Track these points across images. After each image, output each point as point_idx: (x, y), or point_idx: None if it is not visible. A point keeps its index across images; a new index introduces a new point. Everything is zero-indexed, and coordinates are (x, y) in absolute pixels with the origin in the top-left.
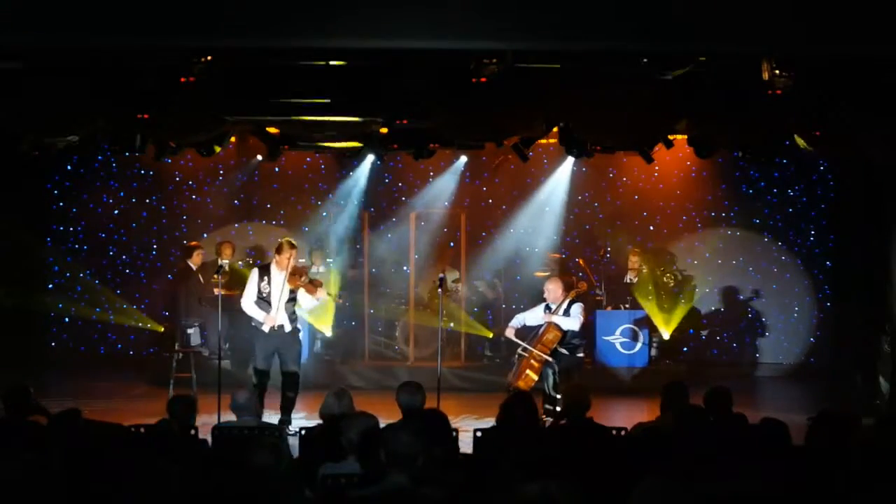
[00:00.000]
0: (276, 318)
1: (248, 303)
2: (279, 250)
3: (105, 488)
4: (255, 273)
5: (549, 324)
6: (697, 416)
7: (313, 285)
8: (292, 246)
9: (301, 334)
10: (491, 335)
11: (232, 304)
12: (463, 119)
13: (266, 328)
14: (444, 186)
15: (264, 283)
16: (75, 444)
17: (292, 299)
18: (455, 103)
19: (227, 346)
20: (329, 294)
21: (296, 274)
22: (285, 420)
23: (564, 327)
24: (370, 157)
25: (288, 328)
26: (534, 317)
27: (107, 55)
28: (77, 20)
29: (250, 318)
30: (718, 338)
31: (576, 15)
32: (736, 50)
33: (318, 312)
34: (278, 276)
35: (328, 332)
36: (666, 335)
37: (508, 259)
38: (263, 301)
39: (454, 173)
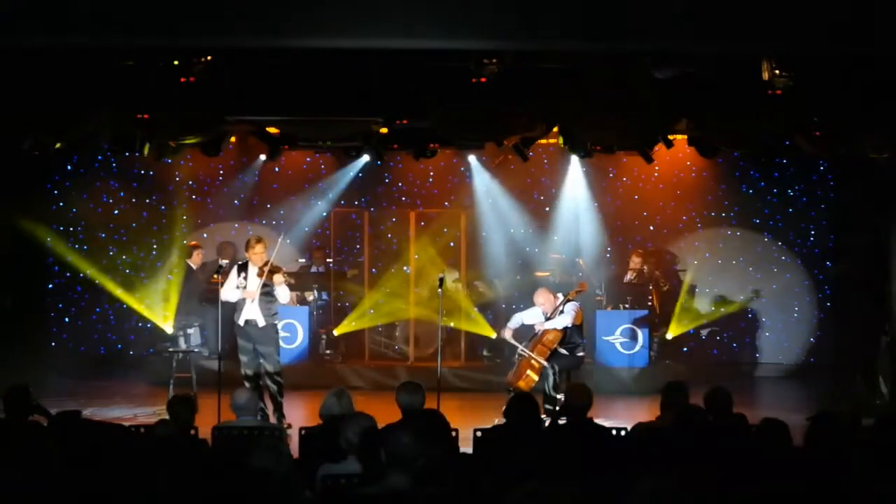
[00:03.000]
0: (252, 293)
1: (227, 290)
2: (247, 247)
3: (105, 488)
4: (234, 269)
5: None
6: (697, 416)
7: (272, 273)
8: (258, 240)
9: (279, 333)
10: (494, 334)
11: (232, 304)
12: (463, 119)
13: (243, 317)
14: (455, 187)
15: (240, 279)
16: (75, 444)
17: (266, 293)
18: (455, 103)
19: (227, 346)
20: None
21: (263, 266)
22: (281, 418)
23: (559, 327)
24: (364, 157)
25: (261, 323)
26: (531, 316)
27: (107, 55)
28: (77, 20)
29: (234, 320)
30: (718, 338)
31: (576, 15)
32: (736, 50)
33: None
34: (253, 270)
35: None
36: (669, 335)
37: (508, 259)
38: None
39: (479, 172)
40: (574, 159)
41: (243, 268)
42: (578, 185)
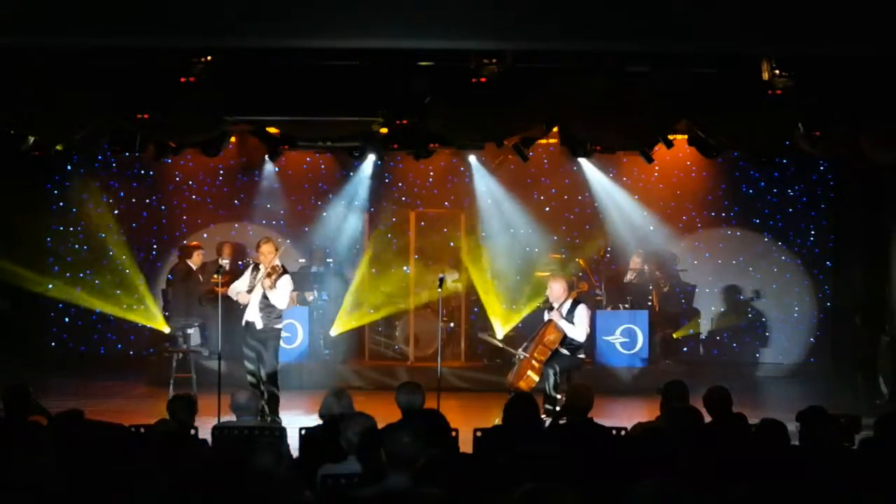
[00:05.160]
0: (251, 297)
1: (231, 288)
2: (256, 248)
3: (105, 488)
4: (249, 268)
5: (551, 324)
6: (688, 416)
7: (268, 276)
8: (266, 241)
9: (279, 336)
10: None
11: (232, 304)
12: (463, 119)
13: (245, 318)
14: (455, 187)
15: (251, 279)
16: (75, 445)
17: (266, 296)
18: (455, 103)
19: (227, 346)
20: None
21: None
22: (275, 419)
23: (569, 335)
24: (371, 157)
25: (259, 325)
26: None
27: (107, 55)
28: (77, 20)
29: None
30: (718, 338)
31: (576, 15)
32: (736, 50)
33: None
34: (262, 272)
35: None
36: (675, 335)
37: (509, 259)
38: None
39: (480, 173)
40: (585, 163)
41: (256, 268)
42: (602, 180)
